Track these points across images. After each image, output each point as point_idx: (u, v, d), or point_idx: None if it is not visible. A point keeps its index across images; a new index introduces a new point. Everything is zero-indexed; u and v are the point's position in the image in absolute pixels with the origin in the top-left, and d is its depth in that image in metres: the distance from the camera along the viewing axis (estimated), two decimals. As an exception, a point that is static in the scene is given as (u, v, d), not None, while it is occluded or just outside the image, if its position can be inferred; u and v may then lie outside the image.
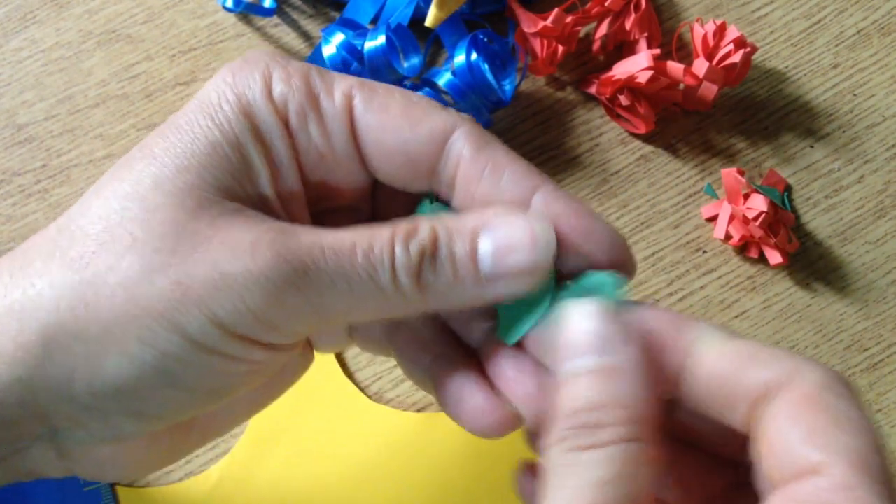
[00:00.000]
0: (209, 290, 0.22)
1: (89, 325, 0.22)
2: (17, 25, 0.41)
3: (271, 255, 0.22)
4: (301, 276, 0.22)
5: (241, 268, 0.22)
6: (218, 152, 0.24)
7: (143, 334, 0.22)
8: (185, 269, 0.22)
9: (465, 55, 0.37)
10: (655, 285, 0.39)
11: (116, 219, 0.23)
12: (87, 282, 0.22)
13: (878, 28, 0.41)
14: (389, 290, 0.23)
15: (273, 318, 0.23)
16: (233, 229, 0.23)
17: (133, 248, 0.22)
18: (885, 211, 0.40)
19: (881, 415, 0.38)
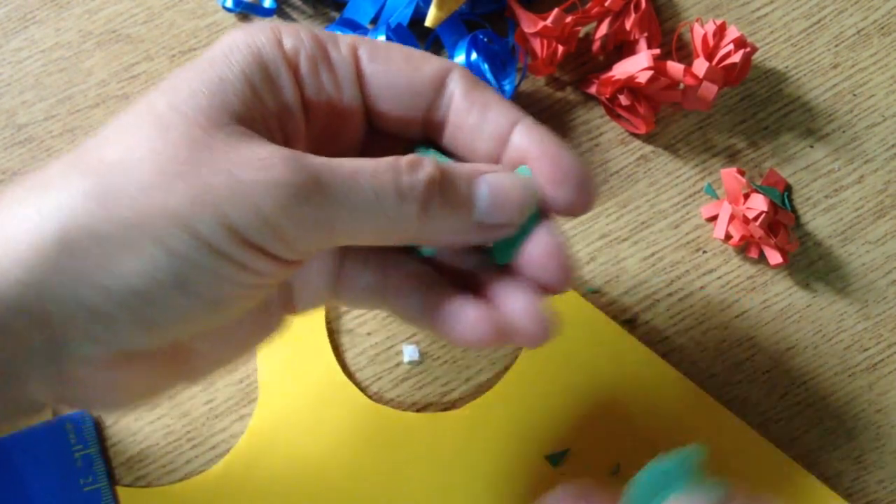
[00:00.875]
0: (224, 195, 0.23)
1: (106, 225, 0.23)
2: (16, 25, 0.41)
3: (285, 167, 0.23)
4: (313, 190, 0.24)
5: (257, 176, 0.23)
6: (230, 86, 0.25)
7: (159, 235, 0.23)
8: (200, 175, 0.23)
9: (465, 55, 0.37)
10: (655, 285, 0.39)
11: (133, 134, 0.24)
12: (104, 186, 0.23)
13: (878, 28, 0.41)
14: (394, 213, 0.25)
15: (283, 228, 0.24)
16: (247, 146, 0.24)
17: (150, 157, 0.23)
18: (885, 211, 0.40)
19: (881, 415, 0.38)
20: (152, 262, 0.23)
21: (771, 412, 0.38)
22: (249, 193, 0.23)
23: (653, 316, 0.38)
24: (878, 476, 0.37)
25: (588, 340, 0.37)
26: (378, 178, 0.24)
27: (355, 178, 0.24)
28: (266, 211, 0.23)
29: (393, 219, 0.25)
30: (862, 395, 0.38)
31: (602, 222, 0.39)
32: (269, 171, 0.23)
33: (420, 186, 0.25)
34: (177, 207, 0.23)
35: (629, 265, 0.39)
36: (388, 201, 0.25)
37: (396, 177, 0.25)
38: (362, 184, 0.24)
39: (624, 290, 0.39)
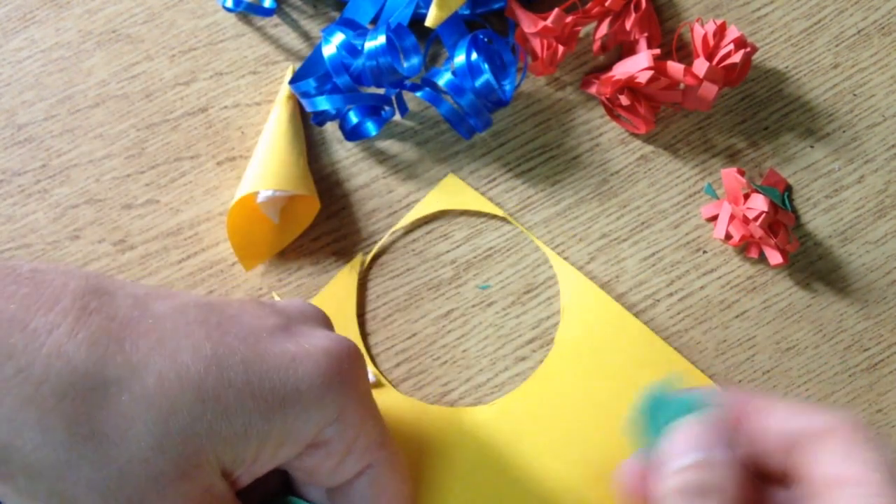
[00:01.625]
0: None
1: (54, 479, 0.24)
2: (16, 25, 0.41)
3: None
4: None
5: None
6: (244, 441, 0.26)
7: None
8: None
9: (465, 55, 0.37)
10: (655, 285, 0.39)
11: (126, 433, 0.25)
12: (71, 451, 0.24)
13: (878, 28, 0.41)
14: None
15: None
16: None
17: (115, 467, 0.24)
18: (886, 211, 0.40)
19: (881, 415, 0.38)
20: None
21: (771, 412, 0.38)
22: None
23: (653, 316, 0.38)
24: (878, 476, 0.37)
25: (620, 345, 0.37)
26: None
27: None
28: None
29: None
30: (862, 395, 0.38)
31: (602, 222, 0.39)
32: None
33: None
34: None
35: (629, 265, 0.39)
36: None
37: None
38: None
39: (624, 290, 0.39)
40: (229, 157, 0.40)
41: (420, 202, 0.39)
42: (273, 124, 0.39)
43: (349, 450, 0.29)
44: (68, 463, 0.24)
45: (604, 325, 0.38)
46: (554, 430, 0.37)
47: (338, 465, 0.29)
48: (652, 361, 0.37)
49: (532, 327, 0.38)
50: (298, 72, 0.40)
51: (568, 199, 0.40)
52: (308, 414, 0.27)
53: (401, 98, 0.39)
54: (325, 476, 0.29)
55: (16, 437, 0.24)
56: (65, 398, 0.24)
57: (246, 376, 0.26)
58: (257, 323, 0.28)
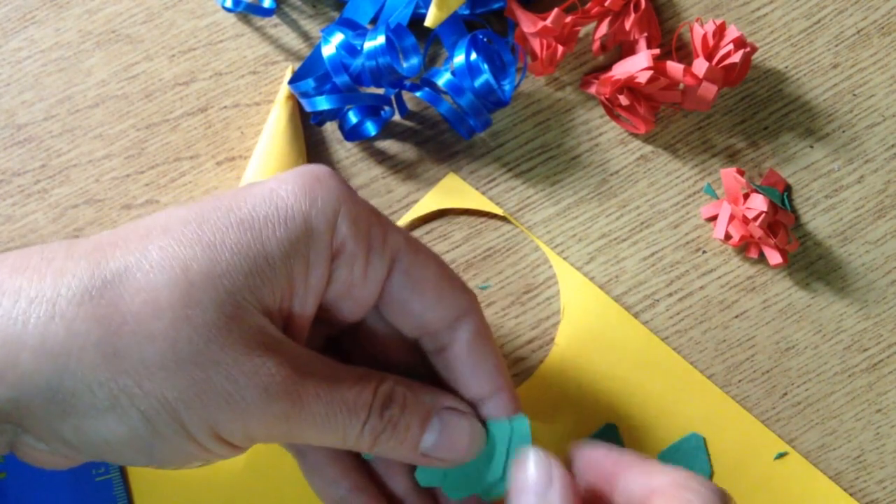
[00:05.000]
0: (218, 405, 0.25)
1: (104, 388, 0.25)
2: (16, 25, 0.41)
3: (283, 396, 0.26)
4: (296, 416, 0.26)
5: (255, 398, 0.25)
6: (269, 274, 0.26)
7: (149, 413, 0.25)
8: (207, 376, 0.25)
9: (464, 55, 0.37)
10: (655, 285, 0.39)
11: (159, 295, 0.25)
12: (115, 347, 0.25)
13: (877, 28, 0.41)
14: (351, 438, 0.28)
15: (258, 437, 0.27)
16: (258, 357, 0.26)
17: (166, 337, 0.25)
18: (885, 211, 0.40)
19: (881, 415, 0.38)
20: (132, 430, 0.25)
21: (771, 412, 0.38)
22: (242, 412, 0.25)
23: (653, 316, 0.38)
24: (878, 476, 0.37)
25: (619, 345, 0.38)
26: (350, 414, 0.27)
27: (334, 409, 0.27)
28: (251, 428, 0.26)
29: (348, 440, 0.28)
30: (862, 395, 0.38)
31: (602, 222, 0.39)
32: (268, 395, 0.26)
33: (381, 426, 0.28)
34: (174, 400, 0.25)
35: (629, 265, 0.39)
36: (351, 433, 0.28)
37: (366, 416, 0.28)
38: (337, 416, 0.27)
39: (624, 290, 0.39)
40: (229, 157, 0.40)
41: (419, 202, 0.39)
42: (273, 124, 0.39)
43: (369, 245, 0.28)
44: (116, 355, 0.24)
45: (603, 326, 0.38)
46: (554, 430, 0.37)
47: (367, 269, 0.28)
48: (651, 362, 0.37)
49: (532, 327, 0.38)
50: (298, 72, 0.40)
51: (567, 199, 0.40)
52: (310, 224, 0.27)
53: (400, 98, 0.39)
54: (365, 290, 0.29)
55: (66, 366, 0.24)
56: (81, 304, 0.24)
57: (237, 217, 0.26)
58: (240, 190, 0.28)
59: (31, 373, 0.24)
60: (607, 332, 0.38)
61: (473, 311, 0.30)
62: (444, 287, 0.30)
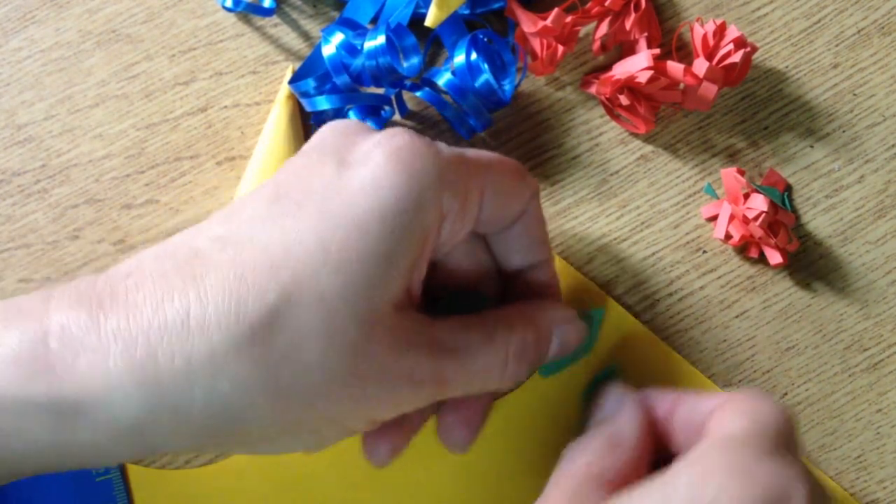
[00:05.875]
0: (382, 408, 0.27)
1: (270, 417, 0.26)
2: (16, 25, 0.41)
3: (431, 389, 0.28)
4: (441, 391, 0.28)
5: (406, 393, 0.27)
6: (389, 267, 0.26)
7: (316, 428, 0.27)
8: (364, 392, 0.26)
9: (464, 55, 0.37)
10: (655, 285, 0.39)
11: (303, 321, 0.25)
12: (274, 376, 0.25)
13: (878, 28, 0.41)
14: (492, 388, 0.30)
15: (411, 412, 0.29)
16: (403, 357, 0.27)
17: (321, 364, 0.25)
18: (886, 211, 0.40)
19: (881, 415, 0.38)
20: (301, 441, 0.28)
21: (771, 412, 0.38)
22: (398, 405, 0.27)
23: (653, 316, 0.38)
24: (878, 476, 0.37)
25: (619, 345, 0.38)
26: (488, 375, 0.29)
27: (475, 378, 0.29)
28: (403, 410, 0.28)
29: (489, 390, 0.30)
30: (862, 395, 0.38)
31: (602, 222, 0.39)
32: (417, 388, 0.27)
33: (517, 371, 0.30)
34: (339, 414, 0.27)
35: (629, 265, 0.39)
36: (491, 386, 0.30)
37: (505, 369, 0.30)
38: (475, 382, 0.29)
39: (624, 290, 0.39)
40: (229, 157, 0.40)
41: (420, 202, 0.39)
42: (273, 124, 0.39)
43: (467, 199, 0.29)
44: (278, 394, 0.25)
45: (603, 326, 0.38)
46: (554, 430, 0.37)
47: (464, 218, 0.29)
48: (651, 362, 0.37)
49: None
50: (298, 72, 0.40)
51: (568, 199, 0.39)
52: (421, 209, 0.27)
53: (400, 98, 0.39)
54: (462, 233, 0.30)
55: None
56: (239, 352, 0.25)
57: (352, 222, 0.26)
58: (318, 180, 0.27)
59: (205, 426, 0.25)
60: (607, 333, 0.38)
61: (538, 192, 0.32)
62: (520, 184, 0.31)
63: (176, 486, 0.36)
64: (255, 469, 0.36)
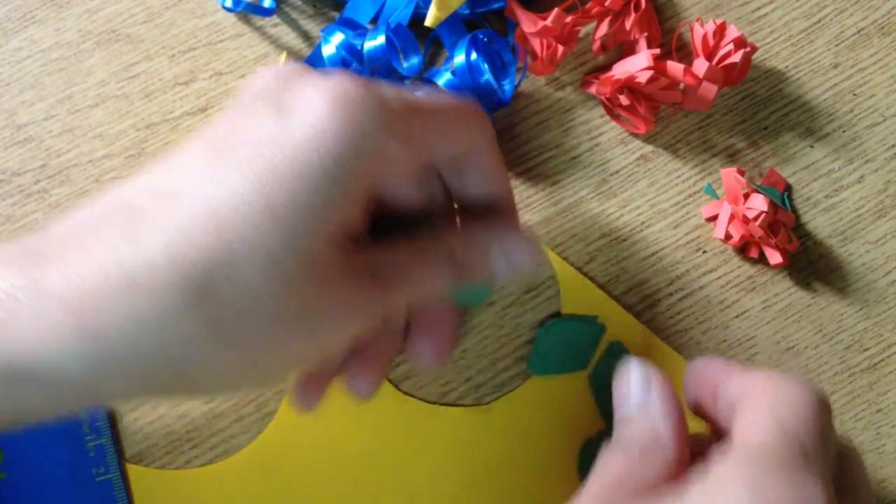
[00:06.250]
0: (325, 336, 0.27)
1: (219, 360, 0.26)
2: (16, 25, 0.41)
3: (370, 307, 0.28)
4: (386, 309, 0.28)
5: (355, 331, 0.28)
6: (338, 213, 0.26)
7: (264, 368, 0.27)
8: (308, 327, 0.26)
9: (464, 55, 0.37)
10: (655, 285, 0.39)
11: (252, 279, 0.25)
12: (225, 338, 0.25)
13: (878, 28, 0.41)
14: (437, 291, 0.30)
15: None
16: (348, 296, 0.27)
17: (266, 309, 0.25)
18: (886, 211, 0.40)
19: (881, 415, 0.38)
20: (249, 380, 0.27)
21: (771, 412, 0.38)
22: (347, 332, 0.28)
23: (653, 316, 0.38)
24: (878, 476, 0.37)
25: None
26: (430, 292, 0.30)
27: (413, 299, 0.29)
28: (353, 334, 0.28)
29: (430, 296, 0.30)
30: (862, 395, 0.38)
31: (602, 222, 0.39)
32: (363, 314, 0.27)
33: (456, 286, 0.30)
34: (287, 353, 0.27)
35: (629, 265, 0.39)
36: (433, 292, 0.30)
37: (443, 275, 0.30)
38: (421, 288, 0.29)
39: (624, 290, 0.39)
40: (229, 157, 0.40)
41: (420, 202, 0.39)
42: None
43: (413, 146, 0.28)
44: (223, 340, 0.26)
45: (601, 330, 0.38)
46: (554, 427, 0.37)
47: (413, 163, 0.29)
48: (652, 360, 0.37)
49: (532, 327, 0.38)
50: (298, 72, 0.40)
51: (568, 199, 0.40)
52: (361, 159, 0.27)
53: (400, 98, 0.39)
54: (412, 175, 0.30)
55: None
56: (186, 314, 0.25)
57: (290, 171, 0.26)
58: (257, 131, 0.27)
59: (156, 373, 0.25)
60: (608, 333, 0.38)
61: (484, 133, 0.31)
62: (465, 119, 0.30)
63: (176, 486, 0.36)
64: (255, 469, 0.36)
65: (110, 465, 0.35)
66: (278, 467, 0.36)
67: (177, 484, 0.36)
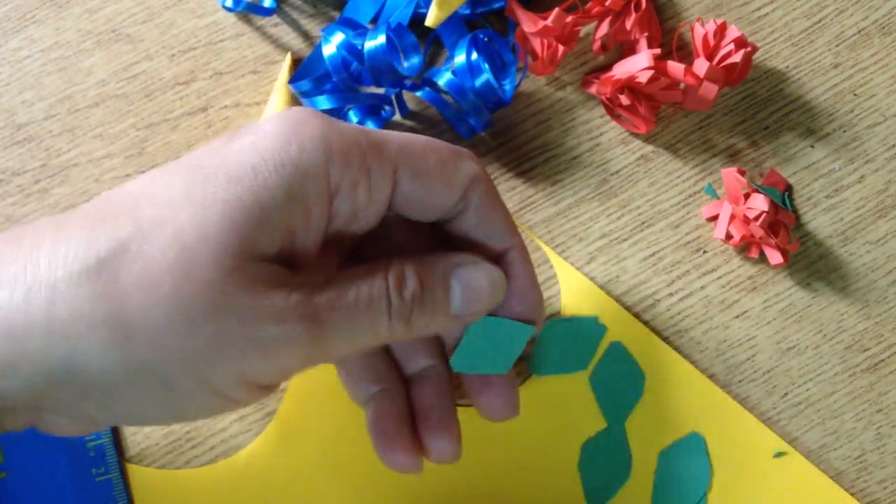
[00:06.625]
0: (241, 352, 0.25)
1: (119, 365, 0.25)
2: (16, 25, 0.41)
3: (298, 320, 0.25)
4: (319, 332, 0.26)
5: (272, 331, 0.25)
6: (264, 222, 0.26)
7: (172, 380, 0.25)
8: (219, 326, 0.25)
9: (465, 55, 0.37)
10: (655, 285, 0.39)
11: (156, 261, 0.25)
12: (123, 321, 0.24)
13: (878, 28, 0.41)
14: (383, 330, 0.28)
15: (292, 369, 0.27)
16: (262, 294, 0.25)
17: (173, 299, 0.24)
18: (886, 211, 0.40)
19: (881, 415, 0.38)
20: (157, 398, 0.25)
21: (771, 412, 0.38)
22: (266, 350, 0.25)
23: (653, 316, 0.38)
24: (878, 476, 0.37)
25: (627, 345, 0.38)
26: (372, 306, 0.27)
27: (355, 312, 0.27)
28: (280, 362, 0.26)
29: (381, 335, 0.28)
30: (862, 395, 0.38)
31: (602, 222, 0.39)
32: (284, 326, 0.25)
33: (407, 306, 0.28)
34: (193, 357, 0.25)
35: (629, 265, 0.39)
36: (381, 326, 0.27)
37: (388, 303, 0.27)
38: (359, 317, 0.27)
39: (624, 290, 0.39)
40: (229, 157, 0.40)
41: (420, 202, 0.39)
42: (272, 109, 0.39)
43: (368, 170, 0.28)
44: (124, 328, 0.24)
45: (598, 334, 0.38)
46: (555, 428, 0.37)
47: (371, 191, 0.28)
48: (651, 362, 0.37)
49: (532, 327, 0.38)
50: (298, 71, 0.40)
51: (568, 199, 0.39)
52: (301, 168, 0.26)
53: (401, 98, 0.39)
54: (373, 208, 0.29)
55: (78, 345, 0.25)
56: (80, 285, 0.24)
57: (225, 172, 0.26)
58: (205, 149, 0.28)
59: (43, 360, 0.24)
60: (608, 334, 0.38)
61: (479, 176, 0.30)
62: (448, 168, 0.29)
63: (176, 486, 0.36)
64: (254, 469, 0.36)
65: (110, 465, 0.35)
66: (278, 467, 0.36)
67: (177, 484, 0.36)
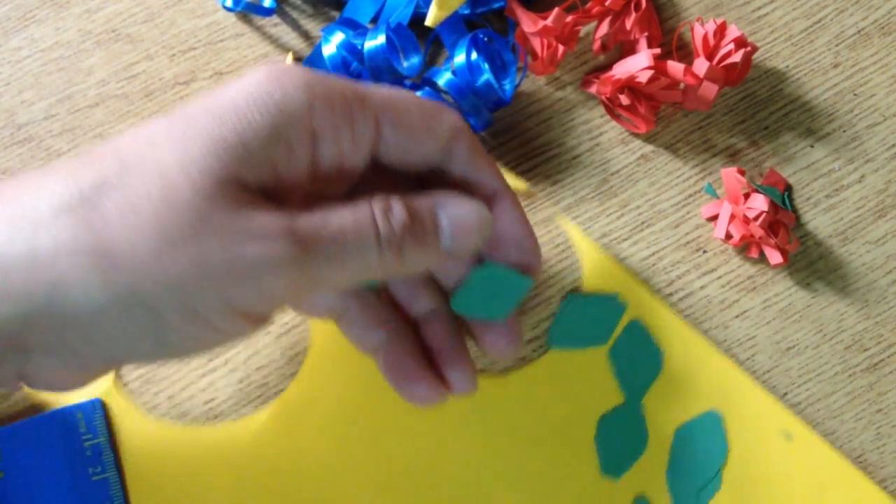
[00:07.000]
0: (224, 273, 0.25)
1: (102, 291, 0.24)
2: (16, 24, 0.41)
3: (282, 241, 0.25)
4: (306, 259, 0.25)
5: (255, 253, 0.25)
6: (245, 153, 0.26)
7: (154, 305, 0.25)
8: (201, 248, 0.24)
9: (465, 55, 0.37)
10: (655, 285, 0.39)
11: (137, 189, 0.25)
12: (104, 248, 0.24)
13: (878, 28, 0.41)
14: (374, 259, 0.27)
15: (278, 298, 0.26)
16: (245, 216, 0.25)
17: (153, 223, 0.24)
18: (886, 211, 0.40)
19: (881, 415, 0.38)
20: (141, 327, 0.25)
21: (771, 412, 0.38)
22: (249, 272, 0.25)
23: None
24: (879, 476, 0.37)
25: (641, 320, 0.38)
26: (360, 232, 0.27)
27: (342, 237, 0.26)
28: (264, 287, 0.25)
29: (373, 265, 0.27)
30: (862, 395, 0.38)
31: (602, 222, 0.39)
32: (266, 245, 0.25)
33: (396, 234, 0.27)
34: (177, 282, 0.24)
35: (630, 265, 0.39)
36: (370, 253, 0.27)
37: (375, 228, 0.27)
38: (348, 241, 0.26)
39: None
40: (229, 157, 0.40)
41: (420, 202, 0.39)
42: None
43: (351, 116, 0.28)
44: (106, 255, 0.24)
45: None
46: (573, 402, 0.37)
47: (354, 137, 0.28)
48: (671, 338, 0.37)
49: (532, 327, 0.38)
50: (298, 71, 0.40)
51: (568, 199, 0.39)
52: (284, 109, 0.26)
53: (401, 98, 0.39)
54: (357, 154, 0.29)
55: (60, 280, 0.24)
56: (62, 216, 0.24)
57: (207, 110, 0.26)
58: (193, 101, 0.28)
59: (27, 287, 0.24)
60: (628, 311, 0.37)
61: (461, 127, 0.31)
62: (430, 118, 0.30)
63: (174, 485, 0.36)
64: (253, 468, 0.36)
65: (107, 464, 0.35)
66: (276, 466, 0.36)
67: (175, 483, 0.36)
